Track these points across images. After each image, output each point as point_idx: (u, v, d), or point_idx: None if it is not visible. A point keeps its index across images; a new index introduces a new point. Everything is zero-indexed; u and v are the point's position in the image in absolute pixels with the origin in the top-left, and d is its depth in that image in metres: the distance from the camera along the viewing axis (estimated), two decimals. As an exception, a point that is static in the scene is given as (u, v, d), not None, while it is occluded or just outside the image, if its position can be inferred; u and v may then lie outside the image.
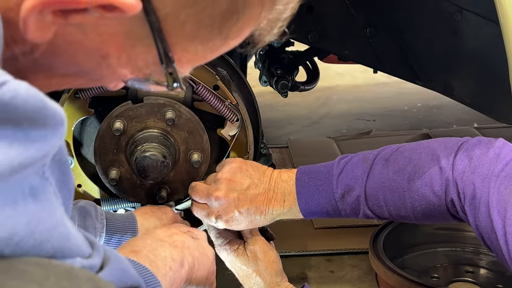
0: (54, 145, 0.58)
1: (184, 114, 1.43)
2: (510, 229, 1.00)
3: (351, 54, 1.86)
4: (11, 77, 0.54)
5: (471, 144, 1.12)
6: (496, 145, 1.10)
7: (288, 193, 1.22)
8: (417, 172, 1.14)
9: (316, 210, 1.21)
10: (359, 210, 1.19)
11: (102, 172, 1.45)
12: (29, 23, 0.59)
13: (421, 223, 1.20)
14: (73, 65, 0.66)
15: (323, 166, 1.23)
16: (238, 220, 1.21)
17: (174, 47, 0.66)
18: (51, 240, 0.59)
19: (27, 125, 0.54)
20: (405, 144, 1.21)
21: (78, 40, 0.63)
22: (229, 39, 0.69)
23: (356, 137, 2.87)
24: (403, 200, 1.15)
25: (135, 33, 0.64)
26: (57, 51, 0.64)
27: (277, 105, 3.40)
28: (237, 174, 1.22)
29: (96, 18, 0.61)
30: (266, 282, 1.24)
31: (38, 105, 0.55)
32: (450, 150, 1.13)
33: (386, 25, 1.78)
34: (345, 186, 1.18)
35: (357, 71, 3.86)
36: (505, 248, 1.01)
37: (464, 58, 1.79)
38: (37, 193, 0.58)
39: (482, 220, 1.05)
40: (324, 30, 1.79)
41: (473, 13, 1.69)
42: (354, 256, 1.95)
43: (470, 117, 2.99)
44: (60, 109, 0.57)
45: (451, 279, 1.78)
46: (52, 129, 0.56)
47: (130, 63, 0.67)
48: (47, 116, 0.56)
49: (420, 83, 1.85)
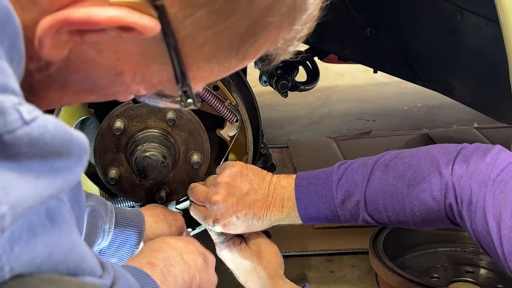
0: (78, 173, 0.57)
1: (185, 114, 1.43)
2: (504, 232, 1.01)
3: (351, 54, 1.86)
4: (40, 112, 0.54)
5: (469, 150, 1.14)
6: (493, 151, 1.11)
7: (287, 199, 1.22)
8: (416, 177, 1.14)
9: (315, 216, 1.21)
10: (359, 215, 1.19)
11: (101, 171, 1.45)
12: (45, 41, 0.59)
13: (420, 228, 1.21)
14: (87, 82, 0.66)
15: (322, 172, 1.23)
16: (236, 224, 1.22)
17: (190, 66, 0.65)
18: (67, 261, 0.58)
19: (51, 156, 0.54)
20: (405, 150, 1.22)
21: (93, 58, 0.63)
22: (246, 60, 0.69)
23: (356, 137, 2.87)
24: (402, 205, 1.16)
25: (151, 52, 0.63)
26: (71, 68, 0.64)
27: (277, 105, 3.39)
28: (237, 178, 1.22)
29: (113, 37, 0.60)
30: (270, 275, 1.24)
31: (65, 139, 0.54)
32: (449, 156, 1.14)
33: (386, 25, 1.78)
34: (345, 191, 1.19)
35: (357, 71, 3.86)
36: (500, 251, 1.02)
37: (464, 58, 1.79)
38: (53, 215, 0.57)
39: (479, 224, 1.07)
40: (324, 30, 1.79)
41: (473, 13, 1.69)
42: (354, 256, 1.95)
43: (470, 117, 2.99)
44: (84, 138, 0.57)
45: (451, 279, 1.78)
46: (76, 158, 0.56)
47: (145, 80, 0.67)
48: (72, 147, 0.55)
49: (420, 83, 1.85)
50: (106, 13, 0.58)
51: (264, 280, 1.25)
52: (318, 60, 2.40)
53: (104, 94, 0.70)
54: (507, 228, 1.01)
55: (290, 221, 1.24)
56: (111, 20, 0.58)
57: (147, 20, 0.59)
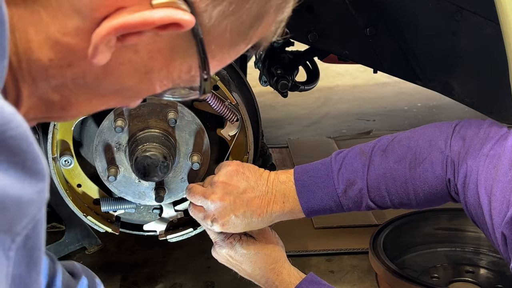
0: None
1: (186, 115, 1.43)
2: (494, 205, 1.04)
3: (351, 54, 1.86)
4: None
5: (463, 125, 1.19)
6: (485, 125, 1.17)
7: (288, 194, 1.22)
8: (417, 159, 1.17)
9: (319, 208, 1.22)
10: (362, 202, 1.20)
11: (101, 170, 1.45)
12: (100, 48, 0.60)
13: (422, 208, 1.23)
14: (117, 83, 0.67)
15: (320, 164, 1.24)
16: (235, 223, 1.21)
17: (212, 54, 0.67)
18: None
19: None
20: (399, 133, 1.23)
21: (129, 59, 0.64)
22: (251, 43, 0.71)
23: (356, 137, 2.87)
24: (405, 188, 1.18)
25: (179, 47, 0.65)
26: (109, 72, 0.65)
27: (277, 105, 3.40)
28: (234, 177, 1.22)
29: (150, 36, 0.62)
30: (277, 259, 1.24)
31: None
32: (446, 134, 1.18)
33: (386, 25, 1.77)
34: (346, 180, 1.20)
35: (357, 71, 3.86)
36: (490, 223, 1.05)
37: (464, 58, 1.79)
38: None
39: (470, 196, 1.10)
40: (324, 30, 1.79)
41: (473, 13, 1.69)
42: (354, 256, 1.95)
43: (470, 117, 2.98)
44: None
45: (451, 279, 1.78)
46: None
47: (168, 76, 0.68)
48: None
49: (420, 83, 1.85)
50: (158, 14, 0.60)
51: (272, 265, 1.24)
52: (318, 60, 2.40)
53: (127, 95, 0.71)
54: (497, 201, 1.04)
55: (292, 216, 1.24)
56: (163, 20, 0.60)
57: (188, 16, 0.61)
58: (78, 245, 2.02)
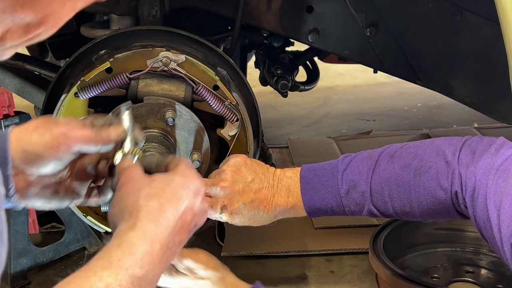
0: None
1: (184, 114, 1.43)
2: (503, 218, 1.04)
3: (351, 54, 1.86)
4: None
5: (474, 140, 1.17)
6: (498, 142, 1.15)
7: (292, 189, 1.23)
8: (423, 166, 1.17)
9: (321, 206, 1.22)
10: (364, 206, 1.20)
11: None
12: None
13: (425, 220, 1.22)
14: None
15: (327, 164, 1.25)
16: (242, 213, 1.21)
17: None
18: None
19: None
20: (409, 142, 1.24)
21: None
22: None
23: (356, 137, 2.87)
24: (409, 195, 1.17)
25: None
26: None
27: (277, 105, 3.40)
28: (242, 167, 1.23)
29: None
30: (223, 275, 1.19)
31: None
32: (455, 146, 1.17)
33: (386, 25, 1.78)
34: (350, 181, 1.20)
35: (357, 71, 3.87)
36: (498, 236, 1.05)
37: (464, 58, 1.79)
38: None
39: (479, 210, 1.09)
40: (324, 30, 1.79)
41: (473, 13, 1.69)
42: (354, 256, 1.95)
43: (470, 117, 3.00)
44: None
45: (451, 279, 1.78)
46: None
47: None
48: None
49: (420, 83, 1.86)
50: None
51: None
52: (318, 60, 2.40)
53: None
54: (506, 215, 1.03)
55: (294, 213, 1.24)
56: None
57: None
58: (78, 245, 2.03)
